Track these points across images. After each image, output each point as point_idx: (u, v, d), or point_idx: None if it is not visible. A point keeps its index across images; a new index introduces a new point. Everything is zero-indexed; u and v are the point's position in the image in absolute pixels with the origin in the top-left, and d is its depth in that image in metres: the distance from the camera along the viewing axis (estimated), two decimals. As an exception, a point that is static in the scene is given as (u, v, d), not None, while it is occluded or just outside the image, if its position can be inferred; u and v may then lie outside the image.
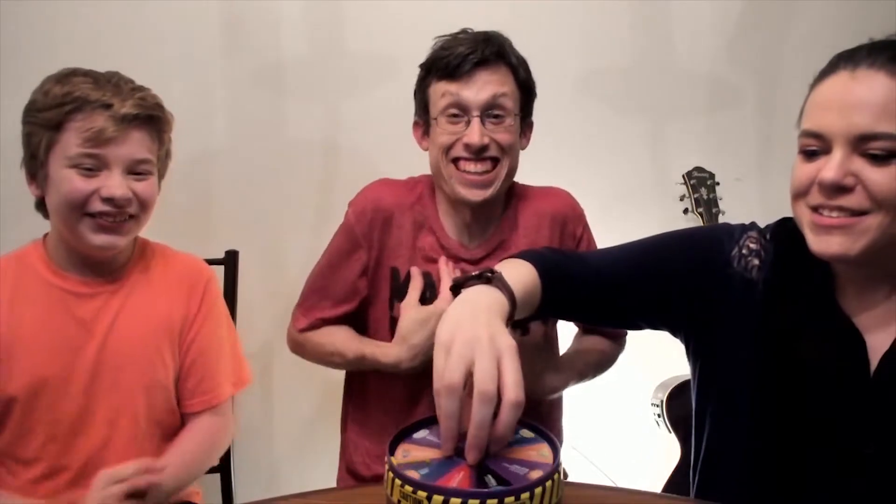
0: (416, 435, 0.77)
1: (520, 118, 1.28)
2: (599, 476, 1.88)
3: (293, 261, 1.82)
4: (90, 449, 1.16)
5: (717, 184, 1.80)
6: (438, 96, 1.25)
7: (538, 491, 0.65)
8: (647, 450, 1.88)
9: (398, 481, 0.66)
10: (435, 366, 0.73)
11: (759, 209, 2.01)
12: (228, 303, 1.39)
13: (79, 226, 1.11)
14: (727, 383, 0.99)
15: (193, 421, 1.24)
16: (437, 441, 0.75)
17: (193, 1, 1.73)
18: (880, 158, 0.81)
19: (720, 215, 1.77)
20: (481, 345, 0.73)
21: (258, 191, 1.83)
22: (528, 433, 0.78)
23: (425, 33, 1.31)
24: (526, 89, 1.29)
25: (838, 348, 0.91)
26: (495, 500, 0.63)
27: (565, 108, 1.98)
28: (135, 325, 1.18)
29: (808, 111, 0.88)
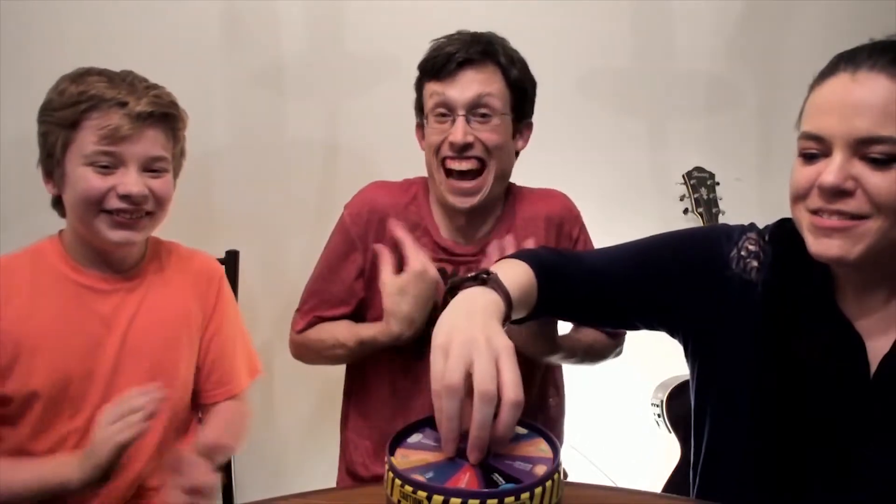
0: (417, 436, 0.77)
1: (512, 118, 1.28)
2: (599, 476, 1.88)
3: (293, 261, 1.82)
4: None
5: (717, 184, 1.80)
6: (428, 96, 1.27)
7: (538, 491, 0.65)
8: (647, 450, 1.88)
9: (398, 481, 0.66)
10: (433, 368, 0.73)
11: (759, 209, 2.01)
12: (229, 302, 1.39)
13: (96, 222, 1.13)
14: (726, 384, 0.99)
15: (216, 406, 1.28)
16: (437, 442, 0.75)
17: (193, 1, 1.74)
18: (881, 162, 0.81)
19: (720, 215, 1.77)
20: (479, 345, 0.73)
21: (258, 191, 1.83)
22: (527, 432, 0.78)
23: (425, 33, 1.31)
24: (518, 89, 1.28)
25: (838, 350, 0.90)
26: (495, 501, 0.63)
27: (565, 108, 1.97)
28: (153, 321, 1.20)
29: (807, 113, 0.88)
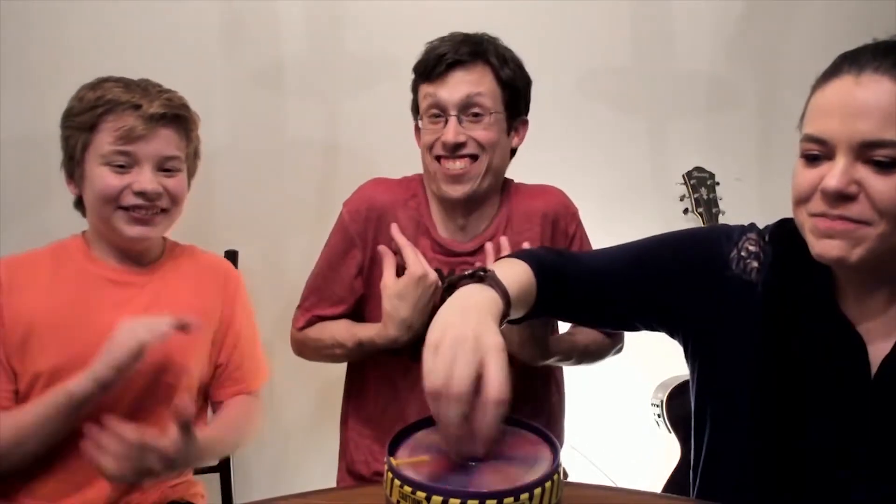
0: (416, 435, 0.77)
1: (505, 116, 1.29)
2: (599, 476, 1.88)
3: (293, 261, 1.82)
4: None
5: (717, 184, 1.80)
6: (422, 98, 1.29)
7: (538, 491, 0.65)
8: (647, 450, 1.88)
9: (397, 482, 0.66)
10: (424, 366, 0.74)
11: (759, 209, 2.01)
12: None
13: (113, 218, 1.19)
14: (727, 384, 0.99)
15: (229, 400, 1.31)
16: (436, 442, 0.75)
17: (193, 1, 1.74)
18: (885, 166, 0.80)
19: (720, 215, 1.77)
20: (465, 345, 0.73)
21: (258, 191, 1.83)
22: (527, 433, 0.78)
23: (425, 34, 1.31)
24: (511, 87, 1.29)
25: (838, 351, 0.90)
26: (494, 501, 0.63)
27: (565, 107, 1.97)
28: (166, 312, 1.21)
29: (810, 115, 0.87)
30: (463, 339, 0.73)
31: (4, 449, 1.10)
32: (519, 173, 1.41)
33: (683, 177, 1.82)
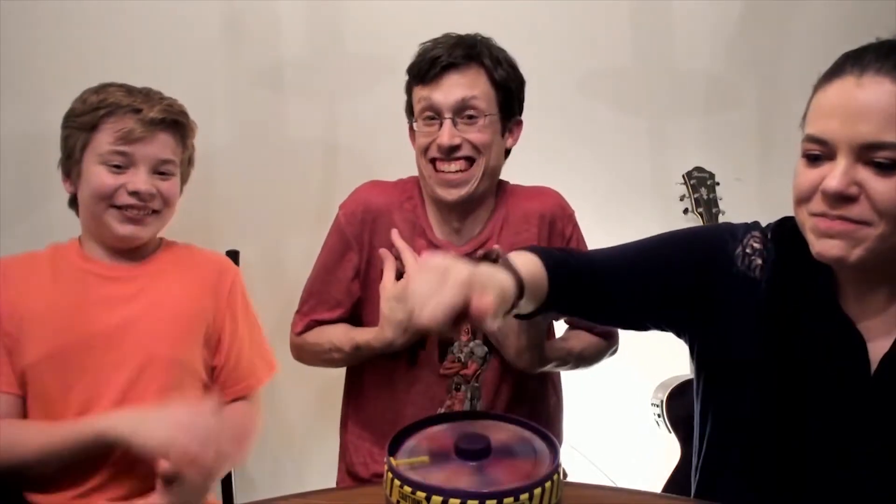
0: (416, 435, 0.77)
1: (500, 117, 1.29)
2: (599, 476, 1.88)
3: (293, 261, 1.82)
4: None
5: (717, 184, 1.80)
6: (416, 100, 1.29)
7: (537, 491, 0.65)
8: (647, 450, 1.88)
9: (397, 482, 0.66)
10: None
11: (759, 209, 2.00)
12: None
13: (106, 216, 1.22)
14: (729, 383, 0.99)
15: (228, 407, 1.31)
16: (436, 442, 0.75)
17: (193, 1, 1.74)
18: (885, 168, 0.80)
19: (720, 215, 1.77)
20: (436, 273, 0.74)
21: (258, 191, 1.83)
22: (527, 433, 0.78)
23: (425, 34, 1.31)
24: (505, 88, 1.29)
25: (839, 349, 0.91)
26: (494, 501, 0.63)
27: (565, 107, 1.98)
28: (156, 308, 1.25)
29: (812, 115, 0.87)
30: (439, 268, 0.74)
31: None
32: (518, 173, 1.41)
33: (683, 177, 1.82)
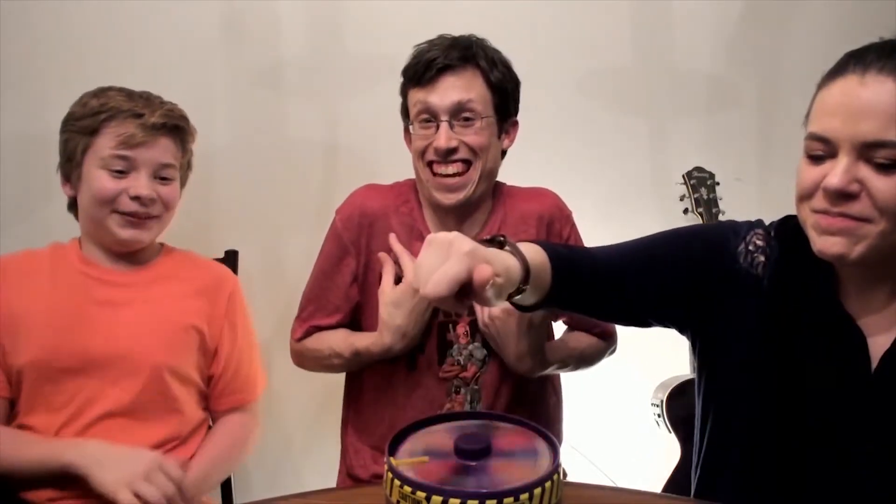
0: (416, 436, 0.77)
1: (496, 119, 1.29)
2: (599, 476, 1.88)
3: (293, 261, 1.82)
4: (83, 424, 1.20)
5: (717, 184, 1.80)
6: (412, 103, 1.29)
7: (537, 491, 0.65)
8: (647, 450, 1.88)
9: (397, 482, 0.66)
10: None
11: (759, 209, 1.99)
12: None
13: (107, 221, 1.23)
14: (730, 380, 0.99)
15: (222, 419, 1.33)
16: (436, 442, 0.75)
17: (193, 1, 1.74)
18: (886, 167, 0.81)
19: (720, 215, 1.77)
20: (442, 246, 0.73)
21: (258, 191, 1.83)
22: (527, 433, 0.78)
23: (425, 34, 1.31)
24: (500, 90, 1.29)
25: (840, 346, 0.91)
26: (494, 501, 0.63)
27: (565, 107, 1.97)
28: (152, 316, 1.25)
29: (814, 114, 0.88)
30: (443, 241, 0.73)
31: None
32: (518, 174, 1.41)
33: (683, 177, 1.82)
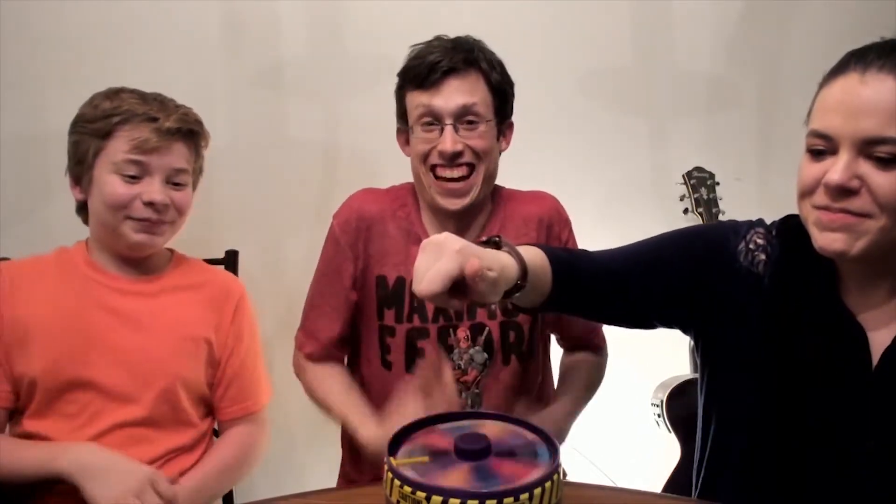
0: (416, 436, 0.77)
1: (496, 122, 1.29)
2: (599, 476, 1.88)
3: (293, 261, 1.82)
4: (95, 433, 1.19)
5: (717, 184, 1.80)
6: (413, 106, 1.27)
7: (537, 491, 0.65)
8: (647, 450, 1.88)
9: (397, 482, 0.66)
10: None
11: (759, 209, 1.99)
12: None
13: (121, 227, 1.21)
14: (731, 381, 1.00)
15: (229, 430, 1.32)
16: (436, 442, 0.75)
17: (193, 1, 1.74)
18: (886, 162, 0.82)
19: (720, 215, 1.77)
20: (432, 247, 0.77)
21: (258, 191, 1.83)
22: (527, 433, 0.78)
23: (425, 34, 1.31)
24: (500, 92, 1.29)
25: (840, 343, 0.91)
26: (494, 501, 0.63)
27: (565, 108, 1.98)
28: (162, 326, 1.24)
29: (816, 111, 0.89)
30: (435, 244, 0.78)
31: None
32: (518, 174, 1.41)
33: (683, 177, 1.82)
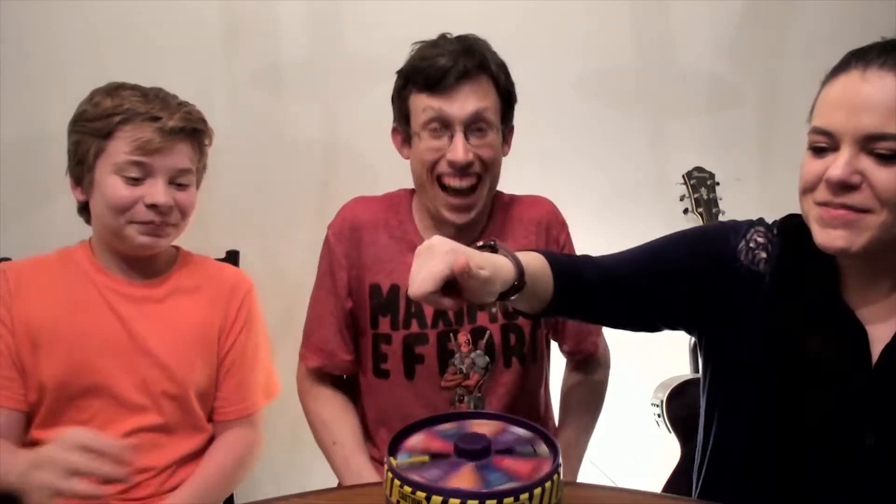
0: (416, 436, 0.77)
1: (502, 128, 1.26)
2: (599, 476, 1.88)
3: (293, 260, 1.82)
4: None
5: (717, 184, 1.80)
6: (420, 109, 1.22)
7: (537, 491, 0.65)
8: (647, 450, 1.88)
9: (397, 482, 0.66)
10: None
11: (759, 209, 1.99)
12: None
13: (124, 230, 1.19)
14: (733, 381, 1.00)
15: (225, 434, 1.28)
16: (436, 443, 0.75)
17: (193, 1, 1.74)
18: (887, 158, 0.83)
19: (720, 215, 1.77)
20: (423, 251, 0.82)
21: (258, 191, 1.83)
22: (527, 433, 0.78)
23: (425, 35, 1.31)
24: (506, 96, 1.26)
25: (841, 340, 0.92)
26: (494, 501, 0.63)
27: (565, 108, 1.97)
28: (169, 328, 1.23)
29: (818, 108, 0.90)
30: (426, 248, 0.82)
31: None
32: (518, 174, 1.40)
33: (683, 177, 1.82)
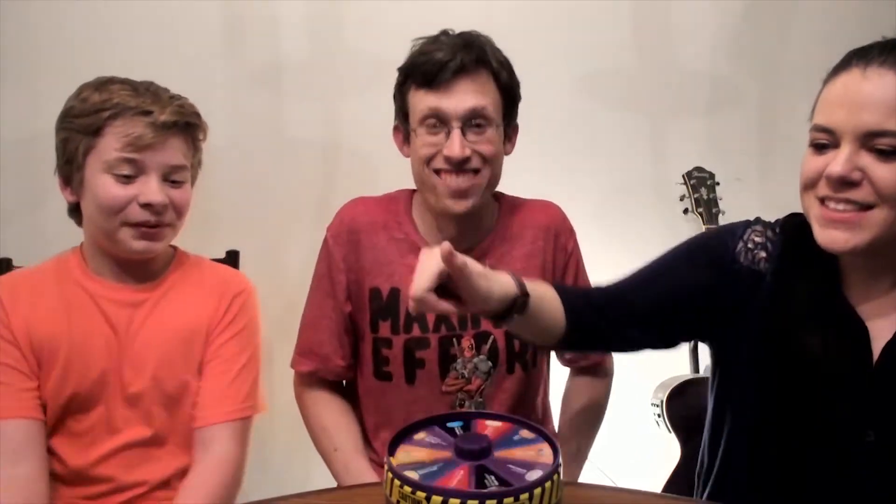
0: (416, 436, 0.77)
1: (503, 125, 1.24)
2: (599, 476, 1.88)
3: (293, 261, 1.82)
4: (103, 452, 1.16)
5: (717, 184, 1.80)
6: (417, 105, 1.20)
7: (537, 492, 0.65)
8: (647, 450, 1.88)
9: (397, 482, 0.66)
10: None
11: (759, 209, 1.99)
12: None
13: (117, 233, 1.13)
14: (736, 383, 1.01)
15: (198, 465, 1.18)
16: (436, 443, 0.75)
17: (193, 1, 1.74)
18: (887, 154, 0.83)
19: (720, 215, 1.77)
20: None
21: (258, 191, 1.83)
22: (528, 434, 0.78)
23: (425, 33, 1.30)
24: (508, 93, 1.23)
25: (842, 338, 0.92)
26: (494, 501, 0.63)
27: (565, 108, 1.97)
28: (164, 333, 1.18)
29: (819, 106, 0.91)
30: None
31: None
32: (518, 174, 1.40)
33: (683, 177, 1.82)
